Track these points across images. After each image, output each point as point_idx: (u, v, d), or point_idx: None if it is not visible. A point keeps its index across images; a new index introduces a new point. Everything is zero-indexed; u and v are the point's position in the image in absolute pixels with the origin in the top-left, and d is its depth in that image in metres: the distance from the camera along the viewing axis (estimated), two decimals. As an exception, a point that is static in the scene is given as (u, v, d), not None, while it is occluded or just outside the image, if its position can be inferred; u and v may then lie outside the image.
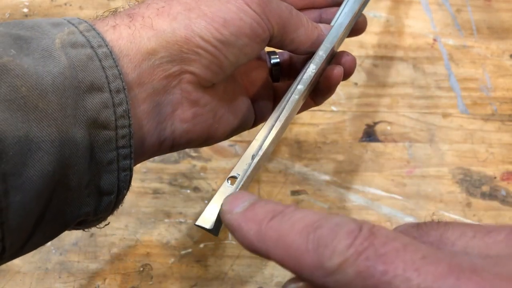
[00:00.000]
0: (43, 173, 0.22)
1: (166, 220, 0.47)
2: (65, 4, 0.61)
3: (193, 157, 0.50)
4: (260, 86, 0.35)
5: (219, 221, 0.25)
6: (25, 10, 0.60)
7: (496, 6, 0.62)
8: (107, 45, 0.25)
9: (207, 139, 0.32)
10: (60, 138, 0.23)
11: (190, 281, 0.44)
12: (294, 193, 0.49)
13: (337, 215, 0.18)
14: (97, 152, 0.25)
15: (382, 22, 0.61)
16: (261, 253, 0.19)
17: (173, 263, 0.45)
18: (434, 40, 0.60)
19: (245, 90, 0.34)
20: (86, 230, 0.28)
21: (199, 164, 0.50)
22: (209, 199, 0.26)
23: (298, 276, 0.18)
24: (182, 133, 0.29)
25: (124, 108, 0.25)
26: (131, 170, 0.26)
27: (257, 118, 0.36)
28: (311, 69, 0.32)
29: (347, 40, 0.59)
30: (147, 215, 0.47)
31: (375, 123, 0.53)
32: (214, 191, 0.48)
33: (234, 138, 0.52)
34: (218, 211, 0.25)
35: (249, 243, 0.19)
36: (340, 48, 0.38)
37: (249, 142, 0.55)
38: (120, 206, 0.28)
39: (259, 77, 0.35)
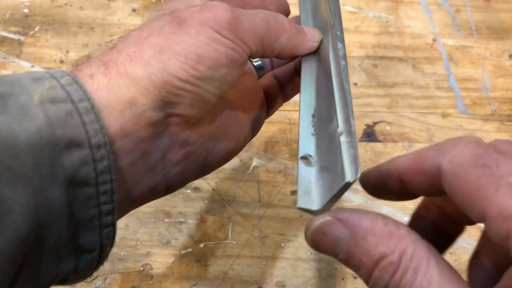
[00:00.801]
0: (16, 236, 0.21)
1: (166, 220, 0.47)
2: (66, 4, 0.61)
3: (193, 157, 0.50)
4: (250, 93, 0.34)
5: (324, 199, 0.24)
6: (26, 10, 0.60)
7: (495, 6, 0.63)
8: (89, 99, 0.24)
9: (203, 172, 0.31)
10: (35, 199, 0.22)
11: (190, 281, 0.44)
12: (294, 193, 0.49)
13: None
14: (76, 210, 0.24)
15: (382, 22, 0.61)
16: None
17: (173, 263, 0.45)
18: (434, 40, 0.60)
19: (235, 104, 0.33)
20: (70, 286, 0.27)
21: (199, 164, 0.50)
22: (207, 199, 0.26)
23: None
24: (175, 176, 0.29)
25: (105, 164, 0.24)
26: (114, 226, 0.25)
27: (254, 128, 0.34)
28: (341, 48, 0.29)
29: (347, 41, 0.59)
30: (147, 215, 0.47)
31: (375, 123, 0.54)
32: (214, 191, 0.48)
33: (234, 138, 0.52)
34: (320, 191, 0.25)
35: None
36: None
37: (248, 142, 0.55)
38: (105, 262, 0.27)
39: (247, 84, 0.34)
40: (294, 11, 0.35)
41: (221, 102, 0.30)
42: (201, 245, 0.46)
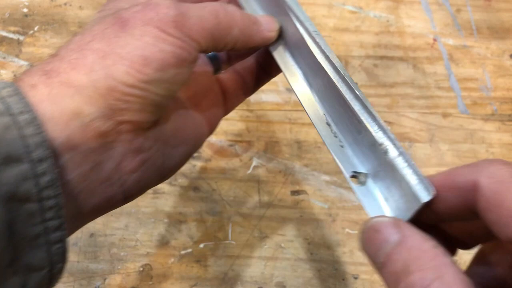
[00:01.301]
0: None
1: (165, 220, 0.47)
2: (65, 4, 0.61)
3: (193, 157, 0.50)
4: (204, 90, 0.33)
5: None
6: (25, 10, 0.60)
7: (496, 6, 0.62)
8: (29, 111, 0.22)
9: (162, 178, 0.30)
10: None
11: (190, 281, 0.44)
12: (294, 193, 0.49)
13: None
14: (19, 227, 0.22)
15: (382, 22, 0.61)
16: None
17: (173, 263, 0.45)
18: (434, 40, 0.60)
19: (189, 103, 0.32)
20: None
21: (199, 164, 0.50)
22: (207, 199, 0.26)
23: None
24: (133, 184, 0.28)
25: (48, 178, 0.22)
26: (64, 242, 0.24)
27: (211, 125, 0.33)
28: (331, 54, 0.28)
29: (347, 40, 0.59)
30: (147, 215, 0.47)
31: (375, 123, 0.53)
32: (214, 191, 0.48)
33: (233, 138, 0.52)
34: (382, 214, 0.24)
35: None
36: (340, 47, 0.37)
37: (248, 142, 0.55)
38: (59, 279, 0.26)
39: (200, 81, 0.33)
40: None
41: (174, 103, 0.29)
42: (201, 245, 0.46)
